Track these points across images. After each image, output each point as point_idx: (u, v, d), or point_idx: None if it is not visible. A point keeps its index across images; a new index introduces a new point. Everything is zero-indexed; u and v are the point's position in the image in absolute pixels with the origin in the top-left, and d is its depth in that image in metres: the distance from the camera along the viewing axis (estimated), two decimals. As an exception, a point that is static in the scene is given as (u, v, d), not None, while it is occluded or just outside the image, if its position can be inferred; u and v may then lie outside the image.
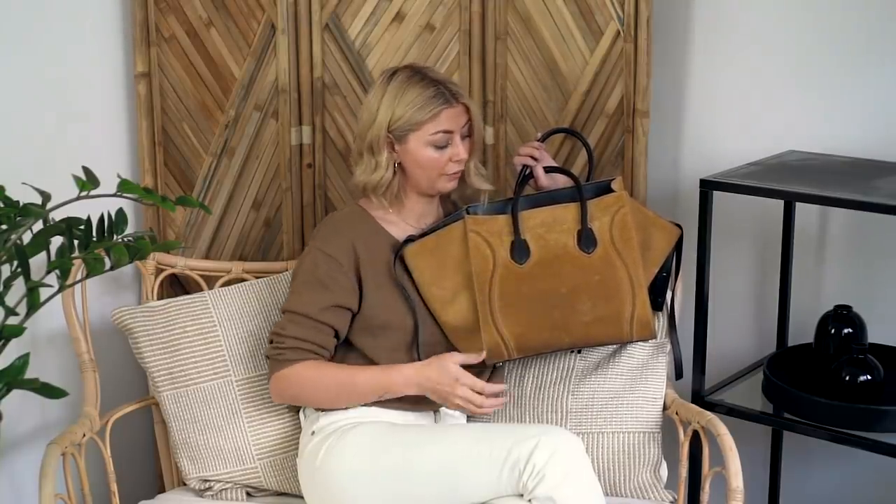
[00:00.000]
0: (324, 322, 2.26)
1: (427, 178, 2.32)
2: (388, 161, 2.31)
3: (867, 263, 2.60)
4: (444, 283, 2.28)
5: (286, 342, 2.26)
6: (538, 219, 2.29)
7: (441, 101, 2.28)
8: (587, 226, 2.27)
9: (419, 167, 2.31)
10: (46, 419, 2.60)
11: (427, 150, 2.29)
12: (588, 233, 2.27)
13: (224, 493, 2.41)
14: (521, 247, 2.26)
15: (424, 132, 2.28)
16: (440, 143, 2.29)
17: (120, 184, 1.81)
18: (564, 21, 2.58)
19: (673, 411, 2.41)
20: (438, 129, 2.28)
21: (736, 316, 2.76)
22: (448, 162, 2.30)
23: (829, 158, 2.53)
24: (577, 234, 2.27)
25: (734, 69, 2.67)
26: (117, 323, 2.45)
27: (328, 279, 2.28)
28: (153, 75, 2.61)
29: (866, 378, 2.34)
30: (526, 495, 2.06)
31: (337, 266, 2.28)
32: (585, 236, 2.27)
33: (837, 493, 2.71)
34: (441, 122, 2.28)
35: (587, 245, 2.27)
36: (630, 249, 2.27)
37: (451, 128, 2.29)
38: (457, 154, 2.30)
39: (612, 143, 2.59)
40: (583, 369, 2.41)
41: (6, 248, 1.74)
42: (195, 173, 2.67)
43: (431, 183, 2.33)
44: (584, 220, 2.28)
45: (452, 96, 2.29)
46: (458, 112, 2.30)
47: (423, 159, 2.30)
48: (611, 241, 2.27)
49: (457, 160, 2.31)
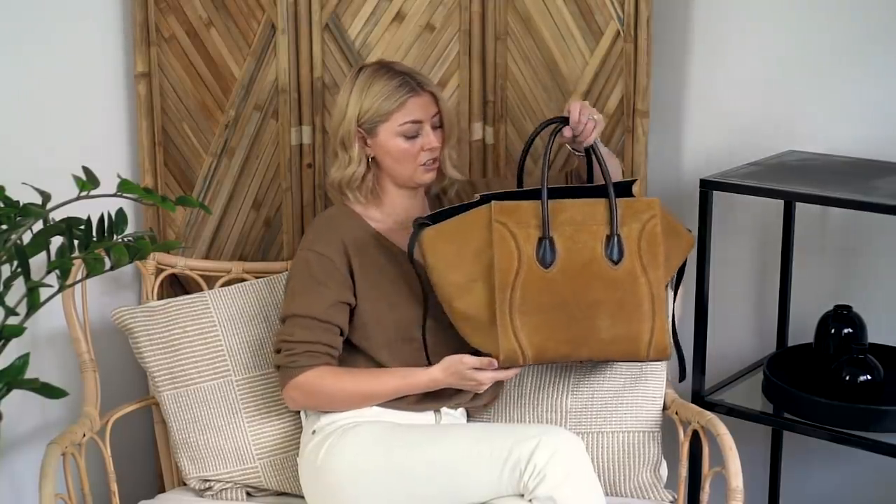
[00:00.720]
0: (329, 321, 2.26)
1: (403, 169, 2.32)
2: (360, 155, 2.32)
3: (867, 263, 2.60)
4: (461, 270, 2.17)
5: (296, 348, 2.25)
6: (568, 213, 2.17)
7: (407, 90, 2.29)
8: (616, 231, 2.17)
9: (393, 159, 2.31)
10: (46, 419, 2.60)
11: (398, 140, 2.30)
12: (617, 240, 2.17)
13: (224, 493, 2.41)
14: (549, 248, 2.16)
15: (393, 123, 2.29)
16: (409, 132, 2.30)
17: (120, 184, 1.81)
18: (564, 21, 2.58)
19: (673, 411, 2.41)
20: (407, 119, 2.29)
21: (736, 316, 2.76)
22: (420, 152, 2.30)
23: (829, 158, 2.53)
24: (605, 238, 2.17)
25: (734, 69, 2.67)
26: (117, 323, 2.45)
27: (324, 277, 2.27)
28: (153, 75, 2.61)
29: (866, 378, 2.34)
30: (527, 495, 2.06)
31: (330, 263, 2.28)
32: (614, 244, 2.17)
33: (837, 493, 2.71)
34: (409, 112, 2.29)
35: (615, 255, 2.17)
36: (656, 267, 2.18)
37: (420, 117, 2.30)
38: (428, 143, 2.30)
39: (612, 143, 2.59)
40: (581, 368, 2.41)
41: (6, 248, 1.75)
42: (195, 173, 2.67)
43: (409, 175, 2.32)
44: (613, 224, 2.17)
45: (418, 85, 2.31)
46: (425, 101, 2.31)
47: (395, 151, 2.30)
48: (637, 254, 2.17)
49: (429, 149, 2.30)
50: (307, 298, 2.27)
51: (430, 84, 2.34)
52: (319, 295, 2.26)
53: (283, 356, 2.26)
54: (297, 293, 2.28)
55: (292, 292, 2.30)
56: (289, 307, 2.29)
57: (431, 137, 2.31)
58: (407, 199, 2.37)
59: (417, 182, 2.34)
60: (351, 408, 2.26)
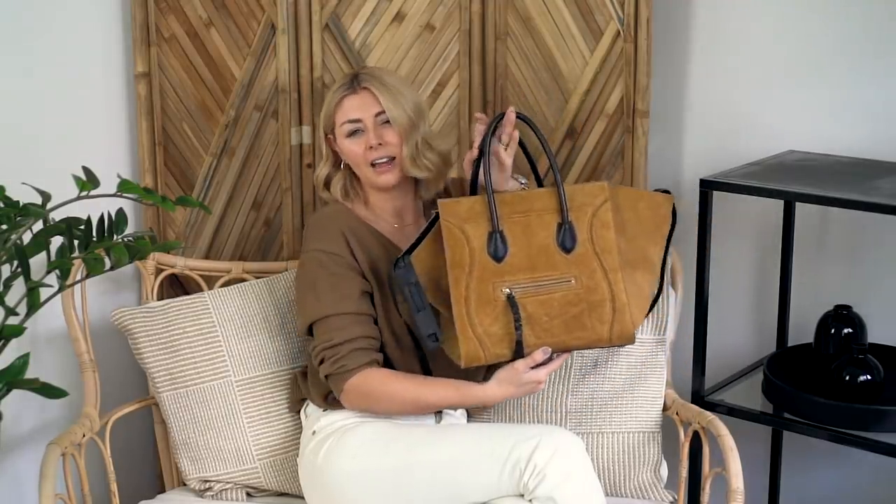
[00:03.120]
0: (361, 312, 2.24)
1: (360, 171, 2.32)
2: (328, 155, 2.36)
3: (867, 263, 2.60)
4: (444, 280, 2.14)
5: (340, 351, 2.21)
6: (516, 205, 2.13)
7: (343, 90, 2.30)
8: (567, 219, 2.12)
9: (351, 162, 2.32)
10: (46, 419, 2.60)
11: (346, 142, 2.30)
12: (569, 228, 2.12)
13: (224, 493, 2.41)
14: (499, 241, 2.11)
15: (338, 124, 2.31)
16: (349, 132, 2.29)
17: (120, 184, 1.81)
18: (564, 21, 2.58)
19: (673, 411, 2.41)
20: (344, 119, 2.29)
21: (736, 316, 2.76)
22: (365, 151, 2.29)
23: (829, 158, 2.53)
24: (556, 227, 2.13)
25: (734, 69, 2.67)
26: (117, 323, 2.45)
27: (341, 271, 2.26)
28: (153, 75, 2.61)
29: (866, 378, 2.34)
30: (527, 495, 2.05)
31: (341, 259, 2.27)
32: (565, 231, 2.12)
33: (837, 493, 2.71)
34: (345, 111, 2.29)
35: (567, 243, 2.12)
36: (609, 251, 2.13)
37: (357, 115, 2.29)
38: (368, 141, 2.28)
39: (612, 143, 2.59)
40: (581, 368, 2.41)
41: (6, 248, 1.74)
42: (195, 173, 2.67)
43: (367, 177, 2.32)
44: (563, 212, 2.12)
45: (357, 83, 2.30)
46: (361, 99, 2.29)
47: (346, 152, 2.31)
48: (590, 240, 2.13)
49: (370, 147, 2.28)
50: (333, 297, 2.24)
51: (368, 81, 2.29)
52: (344, 290, 2.24)
53: (329, 364, 2.22)
54: (320, 294, 2.25)
55: (315, 295, 2.25)
56: (316, 310, 2.24)
57: (370, 135, 2.28)
58: (388, 200, 2.35)
59: (376, 184, 2.31)
60: (403, 412, 2.24)
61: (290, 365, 2.45)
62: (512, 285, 2.11)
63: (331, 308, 2.23)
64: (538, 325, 2.11)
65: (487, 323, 2.10)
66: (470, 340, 2.10)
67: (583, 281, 2.12)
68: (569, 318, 2.11)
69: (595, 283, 2.12)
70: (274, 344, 2.45)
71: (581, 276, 2.12)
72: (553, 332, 2.12)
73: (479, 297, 2.10)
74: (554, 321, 2.11)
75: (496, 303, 2.10)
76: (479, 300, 2.10)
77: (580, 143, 2.62)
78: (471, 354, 2.11)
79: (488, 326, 2.10)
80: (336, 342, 2.21)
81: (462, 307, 2.10)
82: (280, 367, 2.45)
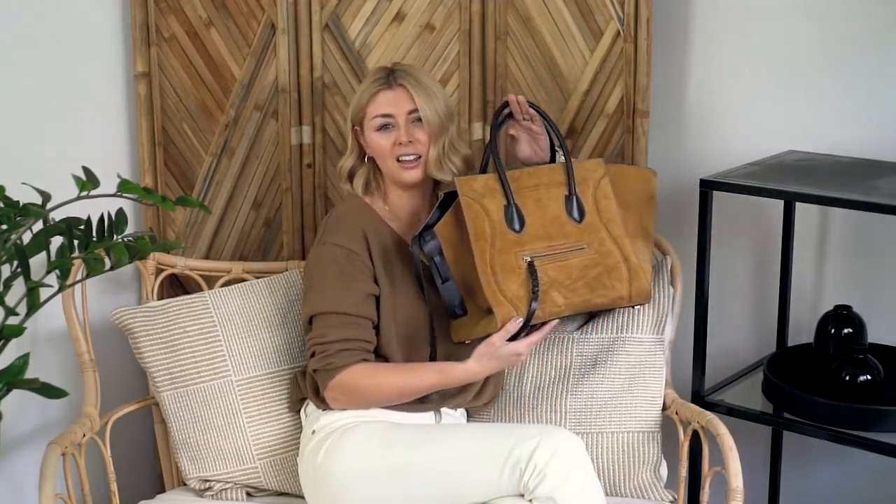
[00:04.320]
0: (361, 315, 2.24)
1: (385, 166, 2.32)
2: (353, 146, 2.35)
3: (867, 263, 2.60)
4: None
5: (330, 348, 2.23)
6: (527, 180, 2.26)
7: (379, 84, 2.30)
8: (574, 191, 2.27)
9: (376, 155, 2.32)
10: (46, 419, 2.60)
11: (375, 135, 2.30)
12: (576, 199, 2.26)
13: (224, 493, 2.41)
14: (515, 213, 2.22)
15: (368, 117, 2.31)
16: (379, 125, 2.29)
17: (120, 184, 1.81)
18: (564, 21, 2.58)
19: (673, 411, 2.41)
20: (377, 113, 2.29)
21: (736, 316, 2.76)
22: (393, 146, 2.30)
23: (829, 158, 2.53)
24: (564, 199, 2.26)
25: (734, 69, 2.67)
26: (117, 323, 2.45)
27: (353, 270, 2.26)
28: (153, 75, 2.61)
29: (866, 378, 2.34)
30: (527, 495, 2.06)
31: (356, 257, 2.27)
32: (573, 202, 2.26)
33: (837, 493, 2.71)
34: (379, 105, 2.29)
35: (575, 213, 2.26)
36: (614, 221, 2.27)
37: (390, 111, 2.29)
38: (398, 138, 2.29)
39: (612, 143, 2.59)
40: (581, 367, 2.41)
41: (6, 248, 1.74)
42: (195, 173, 2.67)
43: (390, 171, 2.32)
44: (570, 184, 2.27)
45: (393, 79, 2.30)
46: (397, 95, 2.29)
47: (374, 146, 2.31)
48: (596, 211, 2.27)
49: (399, 143, 2.29)
50: (337, 294, 2.25)
51: (405, 78, 2.30)
52: (349, 290, 2.25)
53: (318, 359, 2.24)
54: (326, 289, 2.26)
55: (321, 288, 2.26)
56: (318, 304, 2.26)
57: (402, 132, 2.28)
58: (408, 199, 2.36)
59: (400, 180, 2.32)
60: (390, 402, 2.25)
61: (290, 365, 2.45)
62: (532, 254, 2.21)
63: (332, 305, 2.24)
64: (563, 287, 2.22)
65: (515, 288, 2.19)
66: (503, 305, 2.17)
67: (595, 247, 2.26)
68: (590, 280, 2.25)
69: (607, 248, 2.26)
70: (274, 343, 2.45)
71: (593, 243, 2.26)
72: (578, 293, 2.23)
73: (503, 266, 2.20)
74: (577, 283, 2.23)
75: (519, 270, 2.20)
76: (503, 268, 2.20)
77: (580, 142, 2.62)
78: (507, 317, 2.17)
79: (516, 290, 2.19)
80: (329, 339, 2.23)
81: (490, 277, 2.19)
82: (280, 367, 2.45)
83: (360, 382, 2.22)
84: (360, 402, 2.25)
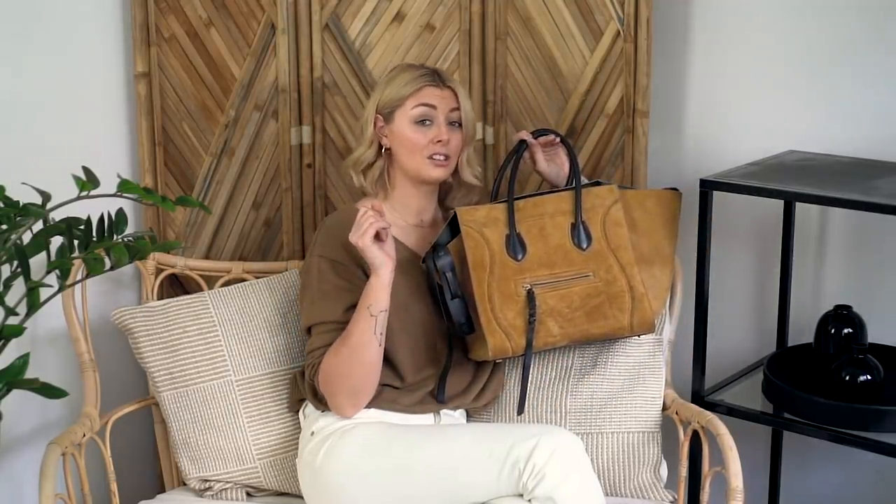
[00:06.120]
0: (347, 322, 2.24)
1: (412, 160, 2.31)
2: (373, 137, 2.35)
3: (867, 263, 2.60)
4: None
5: (315, 354, 2.26)
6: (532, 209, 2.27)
7: (427, 80, 2.32)
8: (581, 219, 2.27)
9: (405, 148, 2.31)
10: (46, 419, 2.60)
11: (410, 127, 2.30)
12: (583, 227, 2.27)
13: (224, 493, 2.41)
14: (517, 242, 2.24)
15: (407, 107, 2.31)
16: (420, 117, 2.30)
17: (120, 184, 1.81)
18: (564, 21, 2.58)
19: (673, 411, 2.41)
20: (420, 102, 2.30)
21: (736, 316, 2.76)
22: (430, 143, 2.30)
23: (829, 158, 2.53)
24: (570, 227, 2.27)
25: (734, 69, 2.67)
26: (117, 323, 2.45)
27: (341, 281, 2.27)
28: (153, 75, 2.61)
29: (866, 378, 2.34)
30: (526, 495, 2.06)
31: (343, 268, 2.28)
32: (580, 230, 2.27)
33: (837, 493, 2.71)
34: (424, 96, 2.31)
35: (582, 242, 2.27)
36: (624, 248, 2.27)
37: (434, 103, 2.31)
38: (439, 135, 2.30)
39: (612, 143, 2.59)
40: (581, 368, 2.41)
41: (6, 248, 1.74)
42: (195, 173, 2.68)
43: (417, 166, 2.32)
44: (577, 213, 2.27)
45: (441, 80, 2.33)
46: (443, 94, 2.32)
47: (406, 138, 2.31)
48: (604, 238, 2.27)
49: (438, 141, 2.30)
50: (324, 305, 2.26)
51: (452, 82, 2.36)
52: (336, 301, 2.26)
53: (308, 370, 2.28)
54: (314, 301, 2.28)
55: (311, 301, 2.29)
56: (309, 317, 2.29)
57: (443, 129, 2.30)
58: (418, 197, 2.36)
59: (425, 177, 2.32)
60: (360, 370, 2.19)
61: (290, 365, 2.45)
62: (533, 281, 2.22)
63: (319, 316, 2.27)
64: (560, 316, 2.23)
65: (511, 316, 2.21)
66: (496, 333, 2.20)
67: (601, 275, 2.26)
68: (590, 309, 2.24)
69: (613, 276, 2.26)
70: (274, 344, 2.45)
71: (599, 271, 2.26)
72: (575, 322, 2.24)
73: (501, 294, 2.21)
74: (576, 312, 2.24)
75: (518, 298, 2.22)
76: (501, 296, 2.21)
77: (580, 142, 2.62)
78: (498, 346, 2.21)
79: (512, 319, 2.21)
80: (314, 347, 2.26)
81: (486, 304, 2.21)
82: (280, 367, 2.45)
83: (325, 365, 2.22)
84: (342, 385, 2.21)
